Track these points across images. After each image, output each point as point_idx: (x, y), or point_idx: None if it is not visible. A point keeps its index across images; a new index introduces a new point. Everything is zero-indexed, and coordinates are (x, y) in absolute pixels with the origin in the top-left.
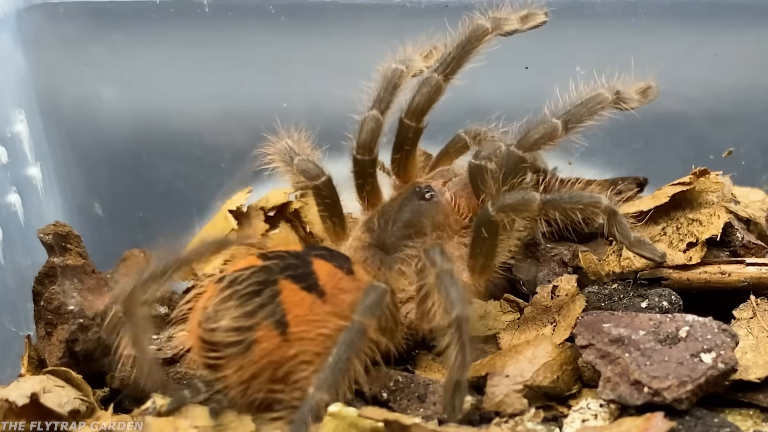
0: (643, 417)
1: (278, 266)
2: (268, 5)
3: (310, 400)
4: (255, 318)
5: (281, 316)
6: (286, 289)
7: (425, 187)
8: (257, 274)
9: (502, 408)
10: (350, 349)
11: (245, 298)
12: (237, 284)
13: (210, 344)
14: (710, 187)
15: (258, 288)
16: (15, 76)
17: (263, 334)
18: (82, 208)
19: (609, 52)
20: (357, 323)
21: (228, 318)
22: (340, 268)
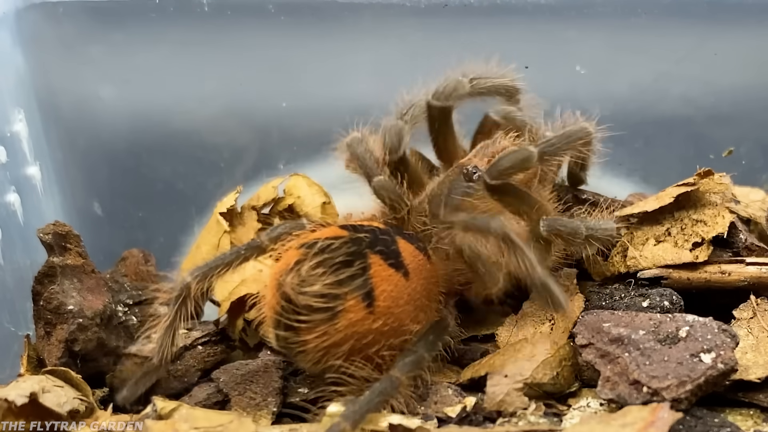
0: (649, 408)
1: (368, 240)
2: (268, 4)
3: (334, 427)
4: (345, 288)
5: (370, 290)
6: (375, 264)
7: (472, 169)
8: (348, 245)
9: (503, 407)
10: (382, 397)
11: (337, 266)
12: (328, 252)
13: (296, 307)
14: (714, 188)
15: (350, 259)
16: (14, 75)
17: (352, 304)
18: (82, 207)
19: (609, 52)
20: (394, 378)
21: (320, 284)
22: (421, 251)
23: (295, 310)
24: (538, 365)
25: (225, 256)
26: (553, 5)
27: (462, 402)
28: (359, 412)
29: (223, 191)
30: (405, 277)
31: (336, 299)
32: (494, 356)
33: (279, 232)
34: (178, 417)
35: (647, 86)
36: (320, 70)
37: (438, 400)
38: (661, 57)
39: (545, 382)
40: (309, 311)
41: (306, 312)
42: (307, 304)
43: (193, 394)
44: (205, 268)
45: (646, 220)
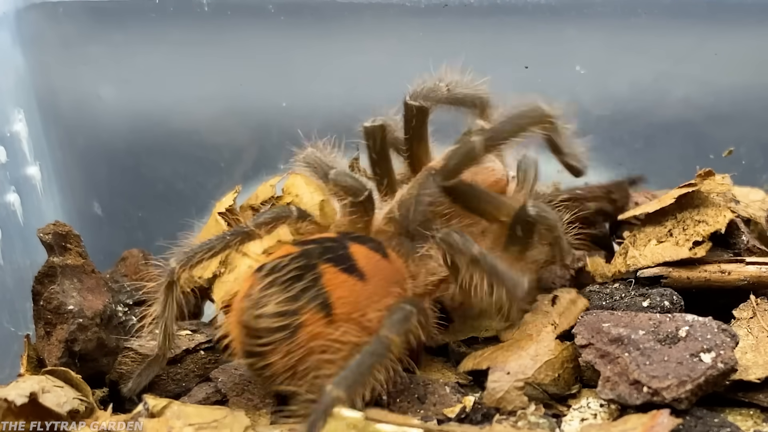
0: (649, 414)
1: (317, 251)
2: (268, 4)
3: (326, 396)
4: (299, 302)
5: (325, 299)
6: (327, 273)
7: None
8: (297, 259)
9: (502, 405)
10: (373, 358)
11: (288, 283)
12: (278, 271)
13: (256, 331)
14: (715, 189)
15: (299, 273)
16: (14, 75)
17: (309, 317)
18: (82, 207)
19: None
20: (383, 337)
21: (273, 303)
22: (377, 251)
23: (255, 335)
24: (541, 365)
25: (210, 241)
26: (553, 5)
27: (461, 402)
28: (351, 377)
29: (222, 191)
30: (361, 280)
31: (292, 315)
32: (497, 350)
33: (265, 218)
34: (170, 414)
35: (647, 86)
36: (320, 70)
37: (437, 401)
38: (661, 57)
39: (546, 383)
40: (268, 333)
41: (266, 334)
42: (264, 326)
43: (192, 394)
44: (190, 252)
45: (648, 222)
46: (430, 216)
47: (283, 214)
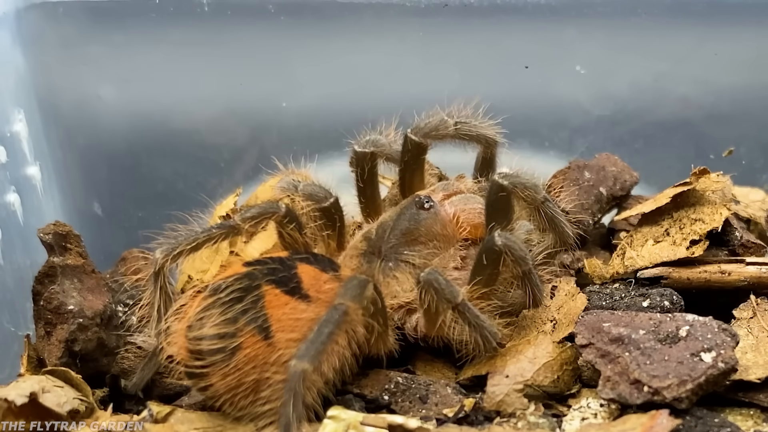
0: (648, 414)
1: (261, 272)
2: (268, 4)
3: (292, 371)
4: (237, 324)
5: (264, 321)
6: (268, 294)
7: (425, 198)
8: (240, 280)
9: (502, 408)
10: (329, 326)
11: (228, 304)
12: (220, 292)
13: (195, 353)
14: (711, 187)
15: (241, 294)
16: (14, 75)
17: (246, 339)
18: (82, 207)
19: (609, 52)
20: (338, 304)
21: (210, 325)
22: (325, 271)
23: (195, 357)
24: (540, 367)
25: (196, 233)
26: (553, 5)
27: (461, 402)
28: (312, 347)
29: (222, 191)
30: (304, 302)
31: (230, 338)
32: (496, 356)
33: (253, 213)
34: (174, 420)
35: (647, 86)
36: (320, 70)
37: (438, 400)
38: (661, 57)
39: (545, 385)
40: (207, 355)
41: (205, 356)
42: (203, 348)
43: (192, 394)
44: (174, 243)
45: (645, 222)
46: (405, 240)
47: (270, 209)
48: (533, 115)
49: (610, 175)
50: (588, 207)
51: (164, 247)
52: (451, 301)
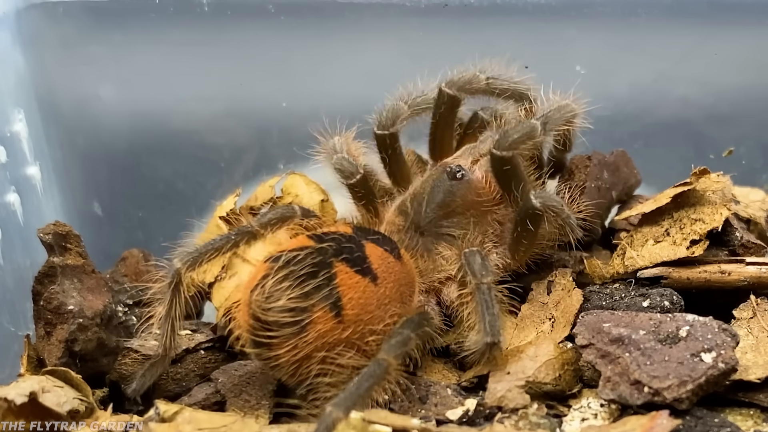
0: (648, 416)
1: (333, 248)
2: (268, 4)
3: (326, 417)
4: (311, 300)
5: (337, 299)
6: (341, 272)
7: (456, 167)
8: (313, 255)
9: (504, 403)
10: (371, 380)
11: (302, 279)
12: (293, 264)
13: (264, 323)
14: (711, 187)
15: (314, 270)
16: (14, 75)
17: (319, 315)
18: (82, 207)
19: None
20: (381, 360)
21: (285, 299)
22: (390, 253)
23: (264, 327)
24: (541, 365)
25: (215, 241)
26: (553, 5)
27: (462, 403)
28: (350, 398)
29: (223, 191)
30: (373, 282)
31: (303, 312)
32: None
33: (269, 217)
34: (181, 420)
35: (647, 86)
36: (320, 70)
37: (438, 401)
38: (661, 57)
39: (547, 383)
40: (277, 327)
41: (275, 328)
42: (275, 320)
43: (192, 394)
44: (195, 253)
45: (645, 222)
46: (443, 213)
47: (287, 213)
48: None
49: (622, 178)
50: (601, 213)
51: (183, 256)
52: (477, 278)
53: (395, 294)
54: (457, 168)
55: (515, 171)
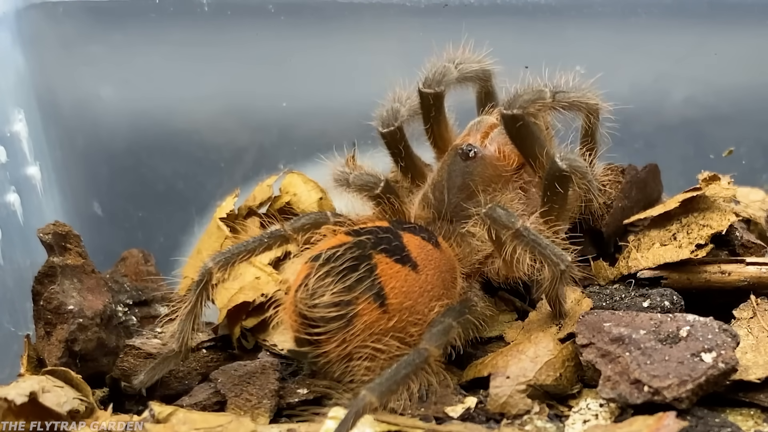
0: (655, 417)
1: (371, 241)
2: (268, 4)
3: (359, 401)
4: (355, 292)
5: (380, 289)
6: (381, 263)
7: (466, 147)
8: (351, 249)
9: (506, 409)
10: (409, 368)
11: (343, 273)
12: (333, 261)
13: (311, 320)
14: (721, 193)
15: (354, 263)
16: (14, 75)
17: (364, 307)
18: (82, 207)
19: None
20: (422, 349)
21: (328, 294)
22: (428, 241)
23: (311, 324)
24: (542, 366)
25: (248, 243)
26: (553, 5)
27: (462, 401)
28: (386, 384)
29: (223, 191)
30: (414, 270)
31: (348, 305)
32: (497, 356)
33: (303, 222)
34: (175, 421)
35: (647, 86)
36: (320, 70)
37: (437, 399)
38: (661, 57)
39: (548, 384)
40: (324, 322)
41: (322, 324)
42: (321, 315)
43: (192, 394)
44: (228, 254)
45: (654, 226)
46: (465, 195)
47: (320, 219)
48: None
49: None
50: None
51: (216, 256)
52: (510, 228)
53: (437, 281)
54: (468, 147)
55: (529, 131)
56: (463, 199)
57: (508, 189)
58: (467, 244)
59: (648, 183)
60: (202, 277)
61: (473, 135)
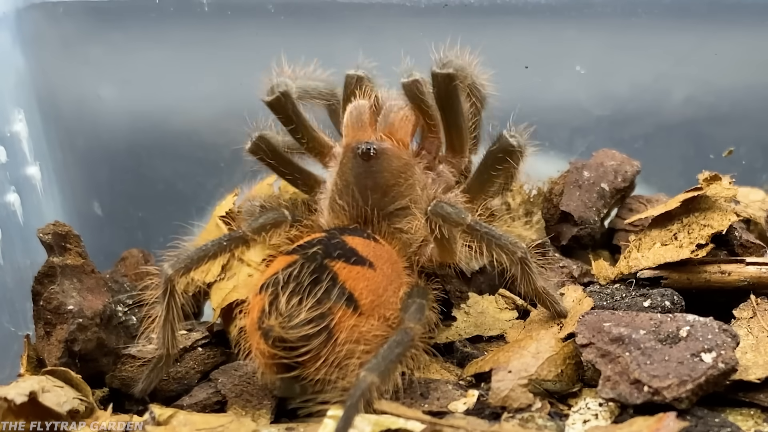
0: (655, 417)
1: (321, 252)
2: (268, 4)
3: (361, 382)
4: (327, 303)
5: (349, 295)
6: (341, 270)
7: (364, 146)
8: (307, 264)
9: (508, 403)
10: (401, 347)
11: (309, 288)
12: (294, 280)
13: (292, 343)
14: (722, 193)
15: (316, 276)
16: (14, 75)
17: (340, 315)
18: (82, 207)
19: (609, 52)
20: (407, 328)
21: (304, 311)
22: (369, 238)
23: (292, 348)
24: (543, 362)
25: (207, 247)
26: (553, 5)
27: (464, 395)
28: (383, 363)
29: (222, 191)
30: (371, 268)
31: (325, 318)
32: (498, 352)
33: (262, 222)
34: (177, 423)
35: (647, 86)
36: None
37: (440, 395)
38: (661, 57)
39: (549, 380)
40: (305, 341)
41: (303, 343)
42: (302, 335)
43: (192, 394)
44: (187, 260)
45: (655, 226)
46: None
47: (279, 218)
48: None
49: (610, 170)
50: (591, 205)
51: (173, 262)
52: (461, 223)
53: (392, 272)
54: (366, 147)
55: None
56: (379, 197)
57: (417, 173)
58: (397, 240)
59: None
60: (165, 286)
61: (360, 129)
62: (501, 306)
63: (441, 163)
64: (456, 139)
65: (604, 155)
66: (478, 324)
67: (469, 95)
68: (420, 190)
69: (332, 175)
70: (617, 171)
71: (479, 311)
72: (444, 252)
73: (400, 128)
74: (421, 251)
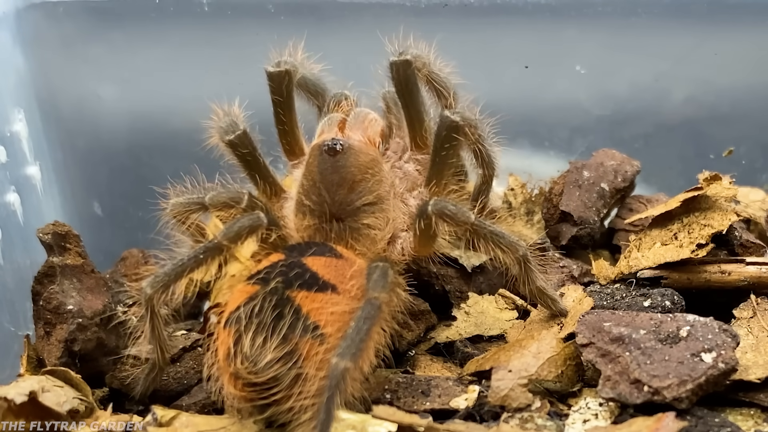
0: (654, 417)
1: (282, 282)
2: (268, 4)
3: (334, 369)
4: (293, 340)
5: (314, 326)
6: (303, 300)
7: (332, 142)
8: (268, 298)
9: (507, 402)
10: (369, 322)
11: (272, 325)
12: (256, 317)
13: (263, 384)
14: (722, 193)
15: (278, 311)
16: (14, 75)
17: (308, 349)
18: (82, 207)
19: (609, 52)
20: (372, 299)
21: (269, 352)
22: (331, 255)
23: (264, 389)
24: (544, 362)
25: (183, 262)
26: (553, 5)
27: (465, 391)
28: (354, 345)
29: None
30: (335, 292)
31: (292, 355)
32: (499, 351)
33: (237, 230)
34: (178, 424)
35: (647, 86)
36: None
37: (441, 392)
38: (661, 57)
39: (549, 380)
40: (275, 381)
41: (274, 383)
42: (270, 377)
43: (192, 394)
44: (165, 277)
45: (655, 225)
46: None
47: (255, 224)
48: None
49: (610, 170)
50: (591, 205)
51: (152, 280)
52: (466, 222)
53: (356, 289)
54: (333, 142)
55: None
56: (346, 194)
57: (384, 170)
58: (365, 237)
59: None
60: (146, 306)
61: (330, 130)
62: (501, 306)
63: (407, 163)
64: (419, 133)
65: (604, 155)
66: (478, 324)
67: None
68: (388, 186)
69: (298, 177)
70: (617, 171)
71: (479, 311)
72: (423, 245)
73: (368, 127)
74: (391, 247)
